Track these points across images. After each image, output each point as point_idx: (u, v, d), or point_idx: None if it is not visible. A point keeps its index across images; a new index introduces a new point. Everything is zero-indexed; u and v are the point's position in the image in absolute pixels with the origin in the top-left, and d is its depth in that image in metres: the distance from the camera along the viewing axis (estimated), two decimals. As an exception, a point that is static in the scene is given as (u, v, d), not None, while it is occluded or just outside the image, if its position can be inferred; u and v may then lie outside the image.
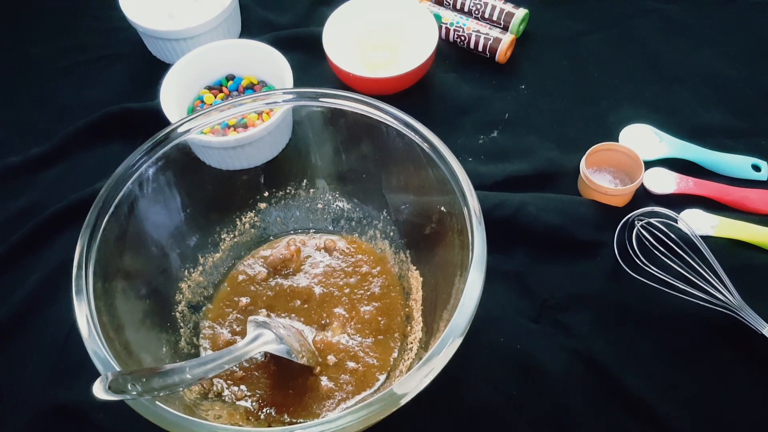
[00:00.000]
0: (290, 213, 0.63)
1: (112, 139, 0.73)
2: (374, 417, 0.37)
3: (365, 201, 0.61)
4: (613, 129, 0.71)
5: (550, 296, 0.61)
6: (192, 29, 0.74)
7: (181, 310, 0.56)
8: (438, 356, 0.39)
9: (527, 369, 0.57)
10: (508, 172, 0.68)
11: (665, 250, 0.59)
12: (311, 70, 0.77)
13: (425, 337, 0.54)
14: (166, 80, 0.68)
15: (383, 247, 0.61)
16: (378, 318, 0.57)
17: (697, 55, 0.78)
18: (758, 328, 0.56)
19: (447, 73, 0.78)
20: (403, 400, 0.38)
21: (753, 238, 0.62)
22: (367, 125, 0.54)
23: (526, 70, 0.77)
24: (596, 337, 0.58)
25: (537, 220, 0.63)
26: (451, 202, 0.49)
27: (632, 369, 0.56)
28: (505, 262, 0.62)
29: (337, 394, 0.53)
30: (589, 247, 0.63)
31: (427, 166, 0.51)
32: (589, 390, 0.56)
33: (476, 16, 0.79)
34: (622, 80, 0.76)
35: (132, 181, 0.50)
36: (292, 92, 0.54)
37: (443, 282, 0.51)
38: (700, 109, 0.73)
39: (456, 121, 0.73)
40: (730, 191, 0.65)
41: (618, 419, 0.55)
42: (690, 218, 0.63)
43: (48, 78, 0.80)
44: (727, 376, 0.56)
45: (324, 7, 0.83)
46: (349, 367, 0.54)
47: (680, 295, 0.57)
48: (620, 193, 0.64)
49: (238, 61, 0.73)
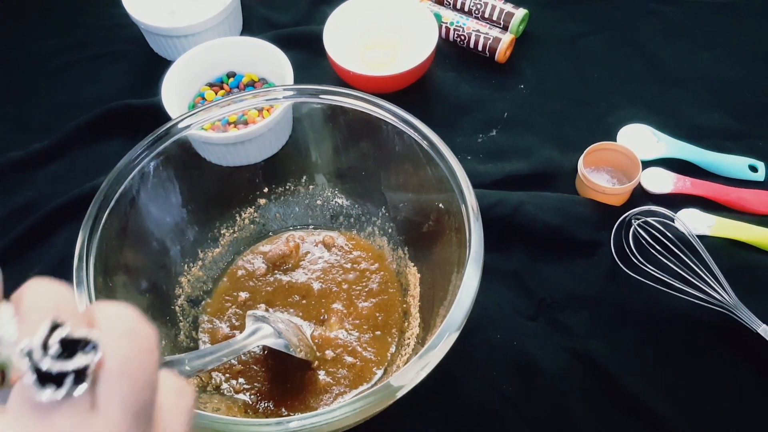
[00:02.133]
0: (290, 209, 0.63)
1: (113, 136, 0.74)
2: (370, 409, 0.38)
3: (364, 198, 0.62)
4: (611, 129, 0.71)
5: (548, 295, 0.61)
6: (193, 26, 0.74)
7: (180, 304, 0.57)
8: (434, 350, 0.40)
9: (524, 367, 0.57)
10: (507, 171, 0.68)
11: (662, 249, 0.59)
12: (312, 68, 0.77)
13: (422, 333, 0.54)
14: (168, 77, 0.69)
15: (381, 243, 0.61)
16: (376, 314, 0.57)
17: (696, 57, 0.78)
18: (754, 327, 0.56)
19: (447, 72, 0.78)
20: (399, 393, 0.38)
21: (749, 238, 0.62)
22: (366, 122, 0.54)
23: (526, 70, 0.78)
24: (593, 336, 0.59)
25: (535, 219, 0.63)
26: (449, 199, 0.50)
27: (629, 367, 0.57)
28: (503, 261, 0.63)
29: (334, 389, 0.53)
30: (586, 246, 0.63)
31: (426, 164, 0.52)
32: (586, 388, 0.56)
33: (476, 16, 0.80)
34: (621, 81, 0.77)
35: (133, 175, 0.50)
36: (293, 89, 0.55)
37: (441, 279, 0.52)
38: (698, 111, 0.74)
39: (455, 120, 0.74)
40: (727, 191, 0.66)
41: (614, 417, 0.55)
42: (687, 218, 0.63)
43: (50, 75, 0.80)
44: (723, 375, 0.57)
45: (325, 6, 0.83)
46: (346, 361, 0.54)
47: (677, 294, 0.58)
48: (618, 193, 0.64)
49: (239, 58, 0.73)
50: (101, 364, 0.21)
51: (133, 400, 0.21)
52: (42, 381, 0.19)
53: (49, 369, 0.19)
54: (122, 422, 0.20)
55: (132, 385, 0.21)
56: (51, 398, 0.19)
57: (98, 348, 0.20)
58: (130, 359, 0.21)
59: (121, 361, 0.21)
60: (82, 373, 0.20)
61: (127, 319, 0.22)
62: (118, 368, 0.21)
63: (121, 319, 0.22)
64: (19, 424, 0.19)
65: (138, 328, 0.22)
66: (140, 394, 0.21)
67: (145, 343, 0.22)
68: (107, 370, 0.20)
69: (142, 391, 0.21)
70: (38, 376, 0.19)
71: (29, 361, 0.19)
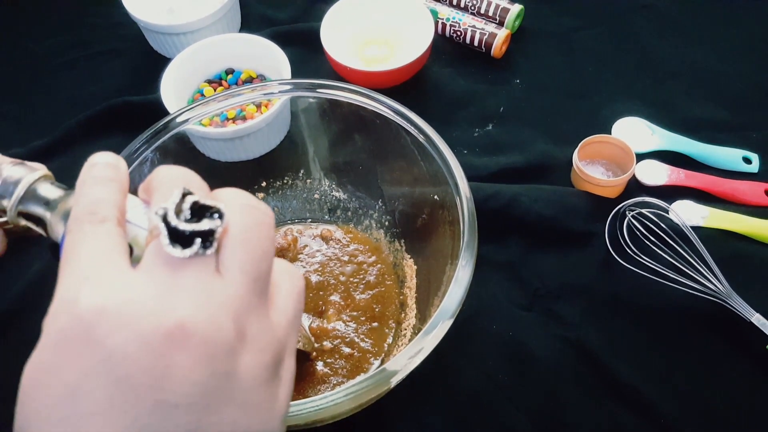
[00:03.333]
0: (287, 203, 0.64)
1: (112, 133, 0.74)
2: (365, 395, 0.38)
3: (361, 191, 0.63)
4: (606, 123, 0.72)
5: (542, 285, 0.62)
6: (192, 24, 0.75)
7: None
8: (428, 336, 0.40)
9: (519, 357, 0.58)
10: (503, 164, 0.69)
11: (656, 240, 0.60)
12: (309, 65, 0.78)
13: (419, 324, 0.55)
14: (167, 74, 0.69)
15: (378, 236, 0.62)
16: (373, 305, 0.58)
17: (689, 50, 0.79)
18: (747, 316, 0.57)
19: (443, 67, 0.79)
20: (394, 379, 0.39)
21: (743, 228, 0.63)
22: (363, 116, 0.55)
23: (521, 65, 0.79)
24: (587, 326, 0.59)
25: (530, 211, 0.64)
26: (444, 192, 0.50)
27: (622, 357, 0.57)
28: (498, 252, 0.63)
29: (332, 379, 0.54)
30: (581, 237, 0.64)
31: (422, 157, 0.52)
32: (580, 377, 0.57)
33: (472, 12, 0.80)
34: (616, 75, 0.77)
35: (131, 169, 0.51)
36: (290, 83, 0.55)
37: (436, 270, 0.52)
38: (691, 103, 0.74)
39: (451, 114, 0.75)
40: (721, 183, 0.66)
41: (608, 406, 0.55)
42: (681, 209, 0.64)
43: (50, 73, 0.81)
44: (716, 364, 0.57)
45: (322, 3, 0.83)
46: (344, 352, 0.55)
47: (670, 284, 0.58)
48: (612, 185, 0.65)
49: (237, 55, 0.74)
50: (225, 231, 0.23)
51: (252, 267, 0.23)
52: (174, 240, 0.22)
53: (182, 229, 0.22)
54: (242, 285, 0.23)
55: (252, 252, 0.23)
56: (182, 255, 0.22)
57: (224, 216, 0.22)
58: (251, 229, 0.23)
59: (243, 230, 0.23)
60: (209, 237, 0.22)
61: (247, 197, 0.25)
62: (240, 236, 0.23)
63: (242, 196, 0.25)
64: (152, 277, 0.22)
65: (257, 204, 0.24)
66: (259, 263, 0.23)
67: (264, 217, 0.24)
68: (230, 237, 0.23)
69: (261, 260, 0.23)
70: (171, 235, 0.22)
71: (163, 222, 0.22)
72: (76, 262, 0.23)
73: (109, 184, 0.26)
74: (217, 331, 0.21)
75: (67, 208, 0.29)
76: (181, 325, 0.21)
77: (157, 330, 0.21)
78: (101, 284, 0.22)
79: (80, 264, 0.23)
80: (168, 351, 0.21)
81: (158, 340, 0.21)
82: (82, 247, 0.23)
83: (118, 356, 0.21)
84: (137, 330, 0.21)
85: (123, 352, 0.21)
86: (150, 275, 0.22)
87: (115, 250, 0.23)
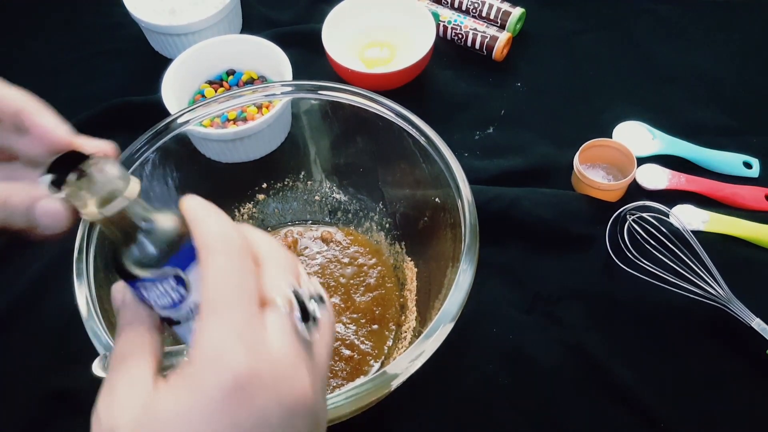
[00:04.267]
0: (288, 205, 0.64)
1: (113, 133, 0.73)
2: (366, 397, 0.38)
3: (362, 193, 0.63)
4: (607, 126, 0.72)
5: (543, 289, 0.62)
6: (193, 24, 0.75)
7: (179, 297, 0.57)
8: (429, 340, 0.40)
9: (519, 360, 0.58)
10: (503, 167, 0.69)
11: (657, 244, 0.59)
12: (310, 66, 0.78)
13: (419, 327, 0.55)
14: (168, 74, 0.69)
15: (379, 238, 0.62)
16: (373, 308, 0.58)
17: (690, 55, 0.79)
18: (747, 321, 0.57)
19: (444, 70, 0.79)
20: (395, 382, 0.39)
21: (743, 233, 0.63)
22: (364, 118, 0.55)
23: (522, 68, 0.79)
24: (587, 330, 0.59)
25: (530, 214, 0.64)
26: (445, 195, 0.50)
27: (622, 361, 0.57)
28: (499, 255, 0.63)
29: (332, 381, 0.54)
30: (581, 240, 0.64)
31: (423, 160, 0.52)
32: (580, 381, 0.57)
33: (473, 15, 0.80)
34: (617, 79, 0.77)
35: (132, 170, 0.51)
36: (291, 84, 0.55)
37: (437, 273, 0.52)
38: (693, 108, 0.74)
39: (452, 117, 0.75)
40: (722, 187, 0.66)
41: (607, 410, 0.55)
42: (681, 213, 0.64)
43: (50, 73, 0.81)
44: (716, 368, 0.57)
45: (324, 5, 0.83)
46: (344, 354, 0.55)
47: (671, 289, 0.58)
48: (613, 188, 0.65)
49: (238, 56, 0.74)
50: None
51: (330, 347, 0.30)
52: (304, 317, 0.28)
53: (310, 309, 0.28)
54: (326, 359, 0.30)
55: (331, 335, 0.30)
56: (304, 329, 0.28)
57: (325, 302, 0.30)
58: (329, 318, 0.30)
59: (328, 317, 0.30)
60: (313, 317, 0.29)
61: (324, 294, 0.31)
62: (327, 322, 0.30)
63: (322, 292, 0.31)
64: (285, 337, 0.27)
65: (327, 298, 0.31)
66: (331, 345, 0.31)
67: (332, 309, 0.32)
68: (323, 322, 0.29)
69: (332, 343, 0.31)
70: (303, 313, 0.28)
71: (296, 300, 0.28)
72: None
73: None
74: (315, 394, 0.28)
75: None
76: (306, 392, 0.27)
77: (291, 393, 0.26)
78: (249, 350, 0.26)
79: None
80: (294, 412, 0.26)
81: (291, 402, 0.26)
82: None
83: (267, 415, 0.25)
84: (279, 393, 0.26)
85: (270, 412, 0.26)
86: (284, 334, 0.27)
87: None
